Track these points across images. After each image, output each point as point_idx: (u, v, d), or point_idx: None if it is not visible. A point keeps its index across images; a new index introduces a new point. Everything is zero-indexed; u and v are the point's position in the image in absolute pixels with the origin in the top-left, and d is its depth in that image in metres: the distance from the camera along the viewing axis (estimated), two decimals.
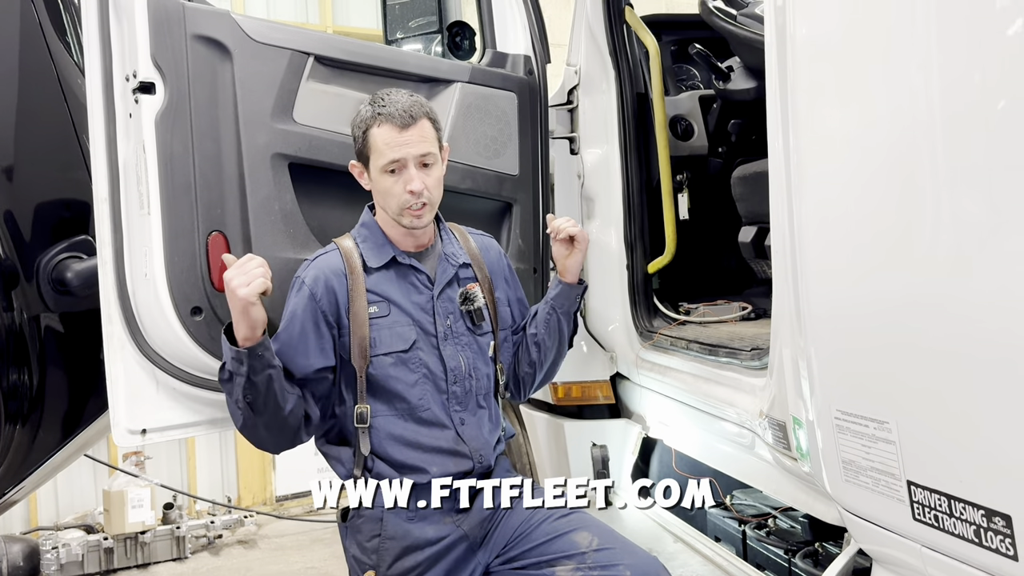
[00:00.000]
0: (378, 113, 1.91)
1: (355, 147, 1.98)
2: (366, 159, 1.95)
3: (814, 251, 1.60)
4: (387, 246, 1.99)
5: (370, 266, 1.97)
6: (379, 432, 1.94)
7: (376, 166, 1.93)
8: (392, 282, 1.98)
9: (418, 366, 1.96)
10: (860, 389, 1.51)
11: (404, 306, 1.97)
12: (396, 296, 1.97)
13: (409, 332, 1.96)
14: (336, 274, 1.94)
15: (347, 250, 1.97)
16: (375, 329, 1.93)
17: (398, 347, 1.94)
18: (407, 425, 1.95)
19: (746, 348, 2.29)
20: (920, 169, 1.32)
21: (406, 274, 2.00)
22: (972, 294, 1.25)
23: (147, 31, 1.91)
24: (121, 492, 4.71)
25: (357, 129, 1.95)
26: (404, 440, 1.94)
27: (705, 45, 2.96)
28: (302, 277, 1.95)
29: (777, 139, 1.68)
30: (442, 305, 2.01)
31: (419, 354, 1.96)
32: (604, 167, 2.99)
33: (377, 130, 1.91)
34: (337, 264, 1.95)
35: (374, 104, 1.94)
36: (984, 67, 1.21)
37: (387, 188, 1.93)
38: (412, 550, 1.92)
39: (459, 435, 1.98)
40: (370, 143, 1.92)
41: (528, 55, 2.62)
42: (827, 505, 1.95)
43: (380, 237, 2.00)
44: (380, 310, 1.95)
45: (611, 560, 1.89)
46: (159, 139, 1.92)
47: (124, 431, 1.99)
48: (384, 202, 1.96)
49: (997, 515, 1.23)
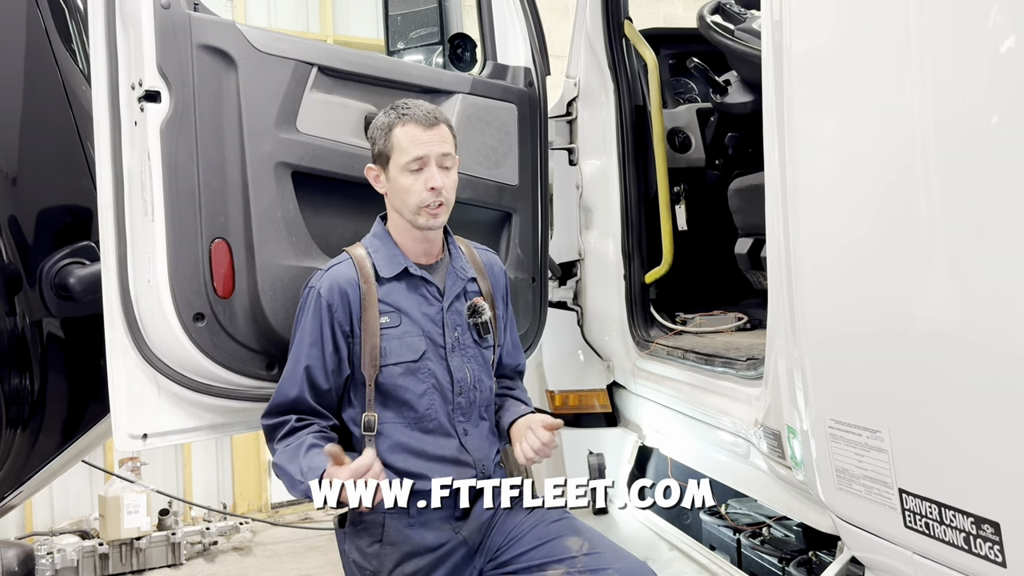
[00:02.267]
0: (402, 114, 1.96)
1: (373, 150, 2.01)
2: (386, 159, 1.98)
3: (809, 263, 1.62)
4: (399, 256, 2.01)
5: (382, 276, 1.99)
6: (386, 440, 1.96)
7: (398, 164, 1.96)
8: (403, 293, 2.00)
9: (427, 376, 1.98)
10: (853, 399, 1.53)
11: (415, 317, 2.00)
12: (407, 307, 2.00)
13: (419, 343, 1.99)
14: (350, 284, 1.96)
15: (360, 260, 1.99)
16: (386, 339, 1.96)
17: (408, 357, 1.97)
18: (413, 434, 1.97)
19: (742, 358, 2.31)
20: (914, 183, 1.35)
21: (417, 285, 2.02)
22: (964, 307, 1.27)
23: (153, 40, 1.93)
24: (117, 498, 4.70)
25: (378, 131, 1.99)
26: (410, 448, 1.96)
27: (703, 59, 2.99)
28: (316, 288, 1.96)
29: (773, 152, 1.71)
30: (451, 317, 2.04)
31: (428, 364, 1.98)
32: (602, 178, 3.01)
33: (401, 129, 1.95)
34: (350, 274, 1.97)
35: (396, 108, 1.99)
36: (977, 83, 1.24)
37: (407, 186, 1.95)
38: (412, 556, 1.94)
39: (463, 445, 2.01)
40: (393, 142, 1.96)
41: (528, 67, 2.65)
42: (821, 514, 1.97)
43: (392, 247, 2.02)
44: (391, 320, 1.97)
45: (601, 564, 1.92)
46: (164, 147, 1.94)
47: (125, 435, 2.00)
48: (402, 202, 1.97)
49: (986, 522, 1.25)
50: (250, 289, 2.06)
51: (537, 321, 2.67)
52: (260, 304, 2.07)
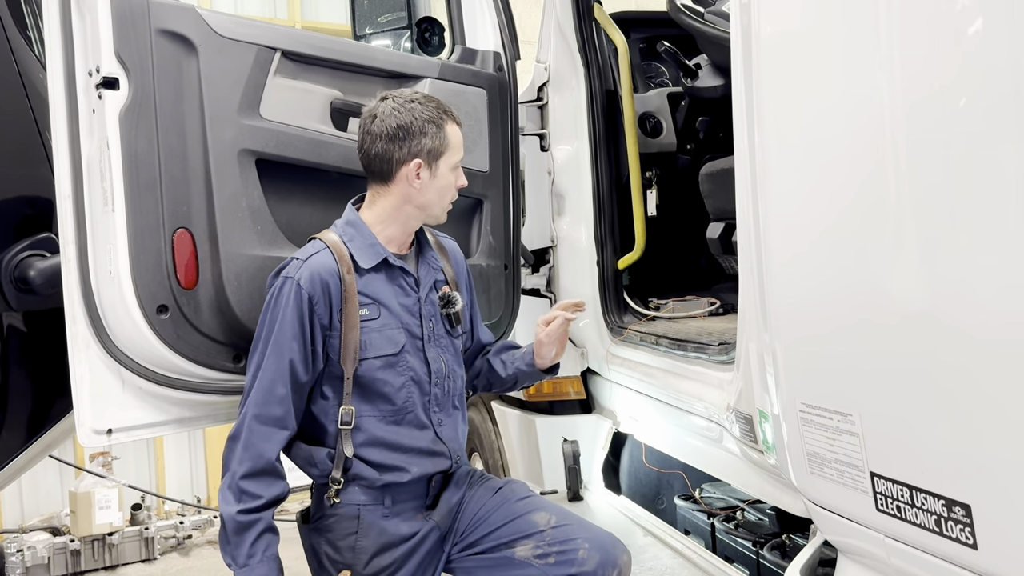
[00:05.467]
0: (446, 111, 1.96)
1: (418, 143, 1.91)
2: (438, 155, 1.94)
3: (778, 247, 1.62)
4: (377, 246, 1.95)
5: (361, 267, 1.93)
6: (361, 434, 1.92)
7: (451, 163, 1.96)
8: (382, 284, 1.95)
9: (405, 369, 1.96)
10: (824, 382, 1.53)
11: (393, 309, 1.96)
12: (386, 298, 1.95)
13: (399, 336, 1.95)
14: (331, 274, 1.88)
15: (337, 248, 1.91)
16: (365, 332, 1.91)
17: (388, 351, 1.93)
18: (388, 428, 1.94)
19: (714, 343, 2.31)
20: (882, 165, 1.34)
21: (395, 276, 1.98)
22: (934, 290, 1.27)
23: (110, 25, 1.88)
24: (88, 493, 4.64)
25: (428, 126, 1.91)
26: (385, 442, 1.93)
27: (673, 43, 2.97)
28: (295, 278, 1.86)
29: (743, 136, 1.70)
30: (427, 308, 2.01)
31: (407, 357, 1.96)
32: (574, 164, 3.00)
33: (451, 128, 1.96)
34: (331, 264, 1.89)
35: (429, 101, 1.94)
36: (945, 65, 1.23)
37: (450, 184, 1.98)
38: (388, 547, 1.93)
39: (437, 435, 2.00)
40: (448, 140, 1.95)
41: (498, 51, 2.62)
42: (793, 497, 1.98)
43: (369, 236, 1.95)
44: (370, 312, 1.92)
45: (569, 535, 1.94)
46: (123, 135, 1.90)
47: (89, 431, 1.96)
48: (439, 198, 1.97)
49: (957, 505, 1.26)
50: (215, 280, 2.02)
51: (510, 309, 2.65)
52: (225, 295, 2.03)
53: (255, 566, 1.80)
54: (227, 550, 1.82)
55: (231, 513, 1.80)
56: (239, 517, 1.80)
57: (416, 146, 1.91)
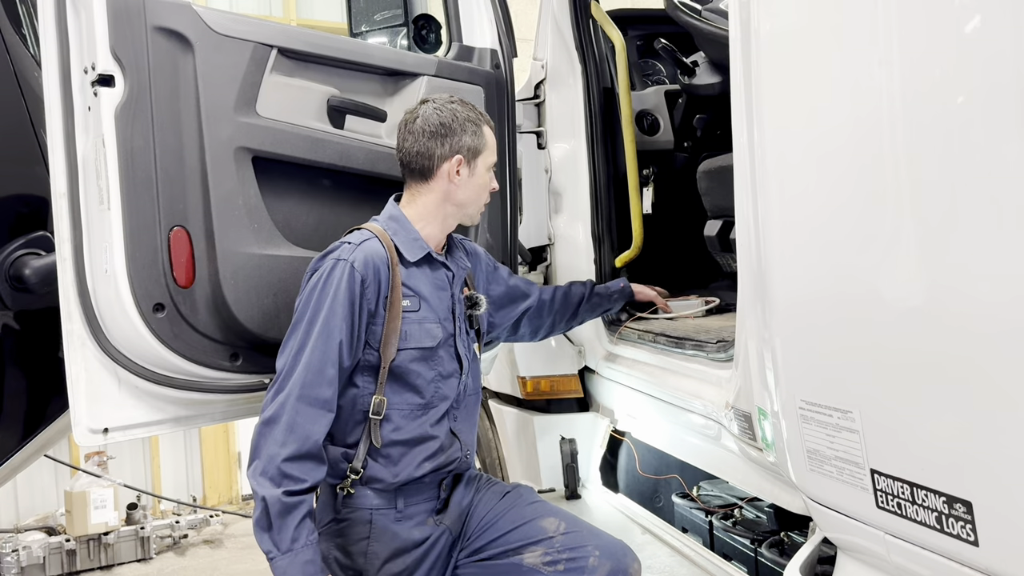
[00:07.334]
0: (482, 114, 2.05)
1: (459, 140, 1.98)
2: (476, 153, 2.01)
3: (778, 243, 1.61)
4: (420, 241, 1.99)
5: (407, 259, 1.96)
6: (389, 425, 1.91)
7: (487, 163, 2.04)
8: (423, 278, 1.99)
9: (437, 363, 1.97)
10: (824, 379, 1.53)
11: (432, 303, 1.98)
12: (427, 292, 1.98)
13: (436, 329, 1.98)
14: (383, 262, 1.91)
15: (386, 239, 1.94)
16: (406, 323, 1.93)
17: (426, 343, 1.95)
18: (411, 422, 1.94)
19: (712, 340, 2.30)
20: (882, 162, 1.34)
21: (435, 272, 2.01)
22: (934, 286, 1.27)
23: (106, 22, 1.87)
24: (83, 493, 4.63)
25: (468, 124, 2.00)
26: (407, 438, 1.92)
27: (671, 40, 2.97)
28: (349, 260, 1.86)
29: (741, 133, 1.69)
30: (458, 306, 2.05)
31: (439, 351, 1.98)
32: (571, 161, 2.99)
33: (487, 129, 2.03)
34: (382, 251, 1.92)
35: (466, 104, 2.03)
36: (944, 62, 1.23)
37: (486, 183, 2.06)
38: (400, 553, 1.92)
39: (452, 431, 2.01)
40: (486, 140, 2.02)
41: (495, 49, 2.61)
42: (792, 495, 1.97)
43: (412, 231, 1.99)
44: (412, 304, 1.95)
45: (579, 542, 1.93)
46: (119, 133, 1.89)
47: (85, 430, 1.95)
48: (476, 196, 2.04)
49: (958, 501, 1.25)
50: (211, 278, 2.01)
51: None
52: (222, 293, 2.02)
53: (299, 550, 1.74)
54: (268, 536, 1.74)
55: (275, 495, 1.73)
56: (285, 499, 1.74)
57: (457, 143, 1.98)
